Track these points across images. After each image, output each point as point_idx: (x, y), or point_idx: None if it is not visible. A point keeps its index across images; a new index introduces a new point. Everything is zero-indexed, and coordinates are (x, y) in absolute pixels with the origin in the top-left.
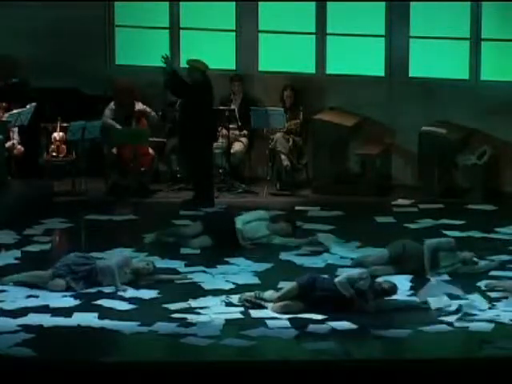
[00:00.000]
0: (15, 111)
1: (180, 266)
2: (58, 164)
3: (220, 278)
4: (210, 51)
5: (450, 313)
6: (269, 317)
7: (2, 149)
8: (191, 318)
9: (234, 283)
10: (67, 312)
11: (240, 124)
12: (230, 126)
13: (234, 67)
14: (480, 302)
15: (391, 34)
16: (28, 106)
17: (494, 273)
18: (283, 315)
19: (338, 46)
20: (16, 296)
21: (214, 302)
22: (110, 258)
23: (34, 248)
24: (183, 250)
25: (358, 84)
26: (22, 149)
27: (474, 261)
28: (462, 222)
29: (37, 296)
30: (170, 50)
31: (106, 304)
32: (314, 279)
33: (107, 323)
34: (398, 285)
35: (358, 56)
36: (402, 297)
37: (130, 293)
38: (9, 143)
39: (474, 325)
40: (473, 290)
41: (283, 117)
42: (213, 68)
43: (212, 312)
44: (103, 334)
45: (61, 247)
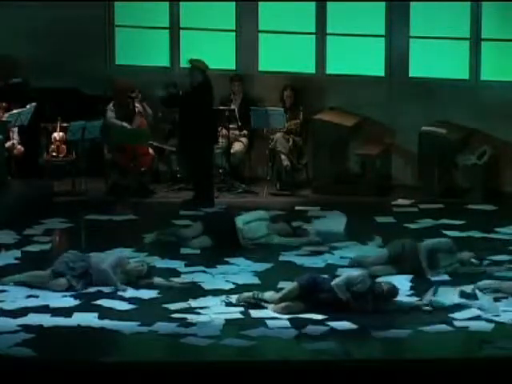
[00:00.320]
0: (15, 111)
1: (180, 266)
2: (58, 164)
3: (220, 278)
4: (210, 51)
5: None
6: (269, 317)
7: (2, 149)
8: (191, 317)
9: (234, 283)
10: (67, 312)
11: (240, 124)
12: (230, 126)
13: (234, 67)
14: (492, 307)
15: (391, 34)
16: (28, 106)
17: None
18: (284, 315)
19: (338, 46)
20: (16, 296)
21: (214, 302)
22: (104, 258)
23: (34, 248)
24: (183, 250)
25: (358, 84)
26: (22, 149)
27: (472, 261)
28: (462, 222)
29: (37, 296)
30: (169, 49)
31: (106, 304)
32: (314, 279)
33: (107, 323)
34: (398, 285)
35: (358, 56)
36: (402, 297)
37: (129, 293)
38: (9, 143)
39: (474, 325)
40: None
41: (283, 117)
42: (213, 68)
43: (212, 312)
44: (103, 334)
45: (61, 247)
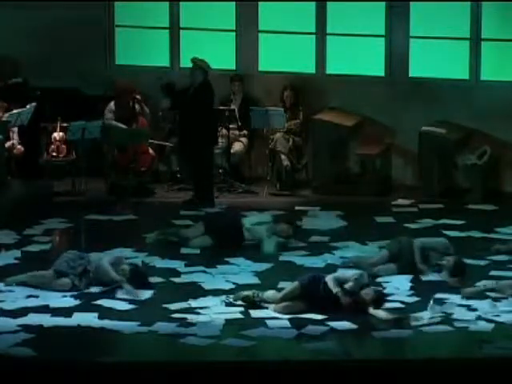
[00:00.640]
0: (15, 111)
1: (180, 266)
2: (58, 164)
3: (220, 278)
4: (210, 51)
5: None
6: (269, 317)
7: (2, 149)
8: (191, 317)
9: (234, 283)
10: (67, 312)
11: (240, 124)
12: (230, 126)
13: (234, 67)
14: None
15: (391, 34)
16: (28, 106)
17: (494, 273)
18: (284, 315)
19: (338, 46)
20: (16, 296)
21: (213, 302)
22: (103, 256)
23: (34, 248)
24: (183, 250)
25: (358, 84)
26: (22, 149)
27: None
28: (462, 222)
29: (37, 296)
30: (169, 49)
31: (106, 304)
32: (314, 279)
33: (107, 323)
34: (398, 285)
35: (358, 56)
36: (402, 297)
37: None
38: (9, 143)
39: (474, 325)
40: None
41: (283, 117)
42: (213, 68)
43: (212, 312)
44: (103, 334)
45: (61, 247)
